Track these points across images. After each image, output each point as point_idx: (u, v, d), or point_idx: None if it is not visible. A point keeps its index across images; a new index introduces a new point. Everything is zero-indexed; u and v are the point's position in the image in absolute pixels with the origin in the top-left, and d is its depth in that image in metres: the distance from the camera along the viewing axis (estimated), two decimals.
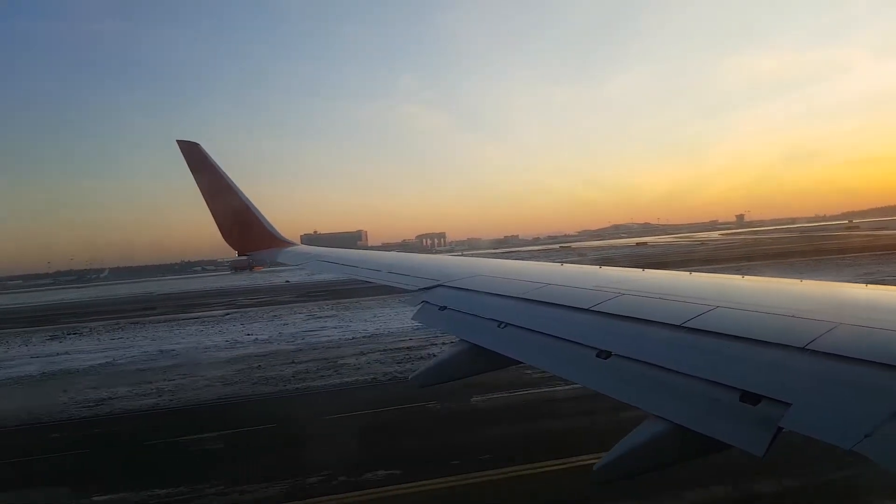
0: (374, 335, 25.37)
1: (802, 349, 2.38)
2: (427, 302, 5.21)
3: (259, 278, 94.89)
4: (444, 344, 20.51)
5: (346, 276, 8.30)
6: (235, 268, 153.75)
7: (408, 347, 21.67)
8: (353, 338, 25.18)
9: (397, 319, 28.95)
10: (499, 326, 4.03)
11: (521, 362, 3.64)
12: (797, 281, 3.97)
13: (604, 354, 3.08)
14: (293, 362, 20.99)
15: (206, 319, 38.88)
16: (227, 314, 41.01)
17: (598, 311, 3.58)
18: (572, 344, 3.37)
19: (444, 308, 4.90)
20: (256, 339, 27.48)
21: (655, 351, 2.92)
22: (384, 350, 21.75)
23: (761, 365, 2.46)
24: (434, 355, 6.79)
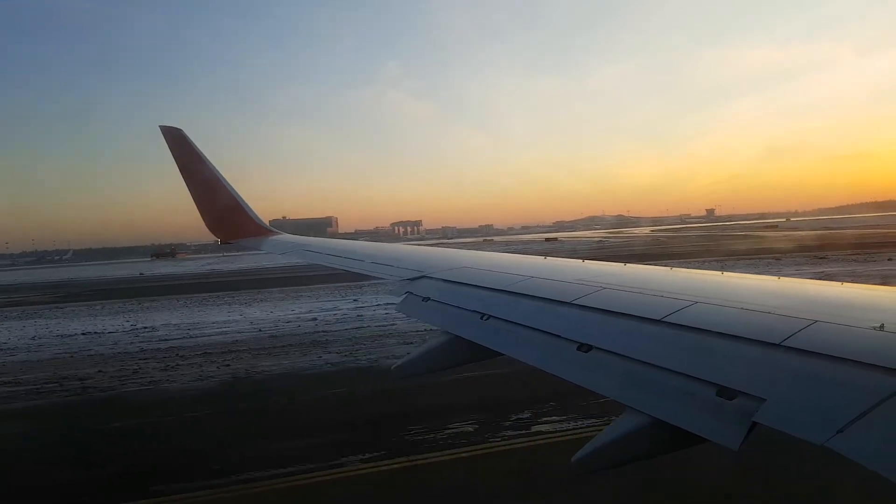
0: None
1: (779, 345, 2.42)
2: (411, 293, 5.21)
3: (161, 266, 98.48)
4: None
5: (329, 265, 8.27)
6: (156, 255, 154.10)
7: None
8: None
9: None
10: (482, 318, 4.04)
11: (503, 354, 3.66)
12: (775, 278, 4.02)
13: (584, 348, 3.11)
14: None
15: None
16: None
17: (580, 305, 3.61)
18: (554, 337, 3.39)
19: (428, 299, 4.91)
20: None
21: (635, 345, 2.95)
22: None
23: (738, 360, 2.50)
24: None
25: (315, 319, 27.38)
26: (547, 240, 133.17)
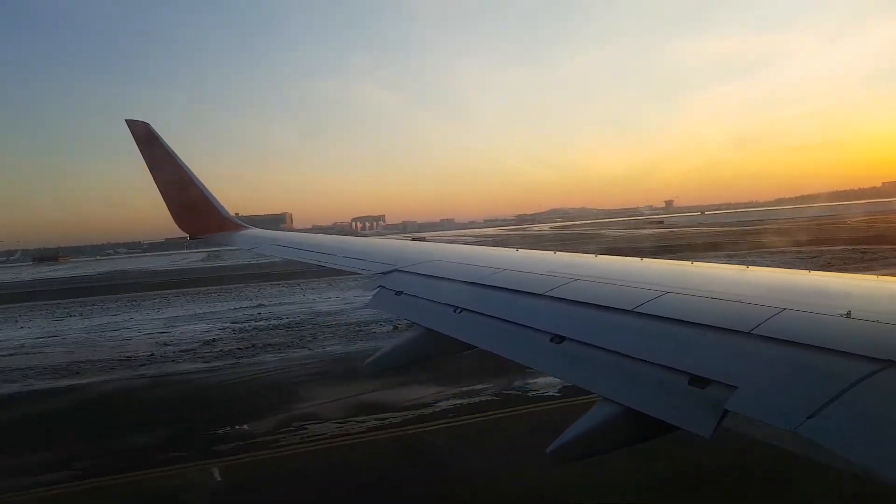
0: None
1: (748, 334, 2.44)
2: (383, 287, 5.15)
3: (35, 272, 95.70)
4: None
5: (300, 259, 8.14)
6: (37, 259, 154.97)
7: None
8: None
9: None
10: (455, 311, 4.02)
11: (477, 347, 3.64)
12: (744, 267, 4.08)
13: (557, 339, 3.10)
14: None
15: None
16: None
17: (552, 297, 3.60)
18: (527, 329, 3.39)
19: (400, 293, 4.86)
20: None
21: (607, 336, 2.96)
22: None
23: (709, 349, 2.51)
24: None
25: None
26: (414, 240, 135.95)
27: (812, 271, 3.68)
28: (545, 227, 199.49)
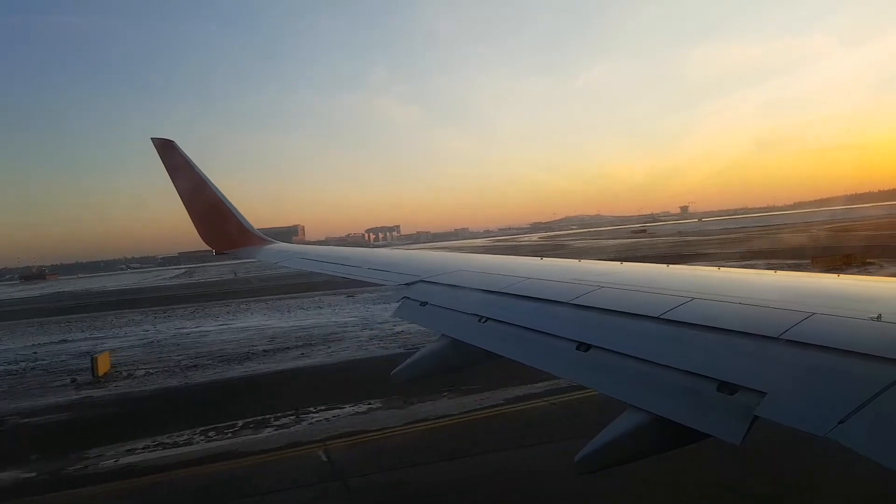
0: None
1: (777, 339, 2.42)
2: (408, 298, 5.19)
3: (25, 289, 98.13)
4: None
5: (325, 272, 8.23)
6: (24, 277, 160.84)
7: None
8: None
9: None
10: (480, 321, 4.03)
11: (503, 356, 3.65)
12: (771, 272, 4.03)
13: (583, 347, 3.10)
14: None
15: None
16: None
17: (578, 305, 3.60)
18: (553, 337, 3.39)
19: (425, 304, 4.89)
20: None
21: (634, 343, 2.95)
22: None
23: (737, 355, 2.50)
24: None
25: None
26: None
27: (840, 275, 3.63)
28: (534, 237, 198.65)
